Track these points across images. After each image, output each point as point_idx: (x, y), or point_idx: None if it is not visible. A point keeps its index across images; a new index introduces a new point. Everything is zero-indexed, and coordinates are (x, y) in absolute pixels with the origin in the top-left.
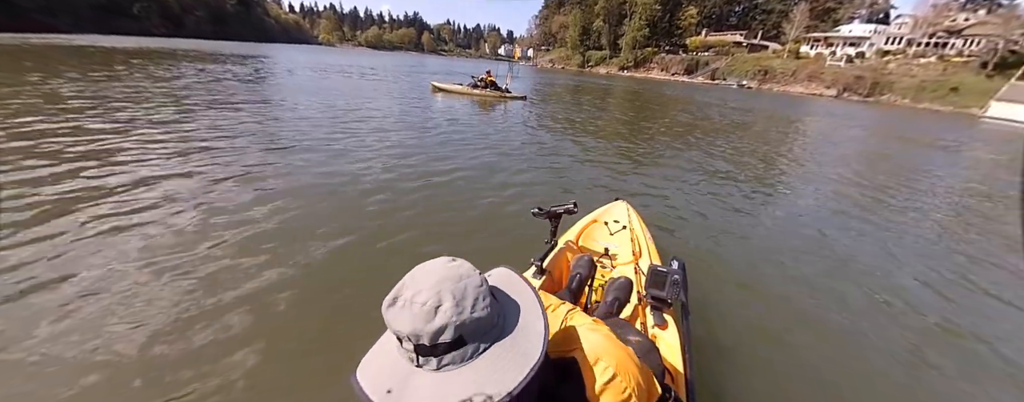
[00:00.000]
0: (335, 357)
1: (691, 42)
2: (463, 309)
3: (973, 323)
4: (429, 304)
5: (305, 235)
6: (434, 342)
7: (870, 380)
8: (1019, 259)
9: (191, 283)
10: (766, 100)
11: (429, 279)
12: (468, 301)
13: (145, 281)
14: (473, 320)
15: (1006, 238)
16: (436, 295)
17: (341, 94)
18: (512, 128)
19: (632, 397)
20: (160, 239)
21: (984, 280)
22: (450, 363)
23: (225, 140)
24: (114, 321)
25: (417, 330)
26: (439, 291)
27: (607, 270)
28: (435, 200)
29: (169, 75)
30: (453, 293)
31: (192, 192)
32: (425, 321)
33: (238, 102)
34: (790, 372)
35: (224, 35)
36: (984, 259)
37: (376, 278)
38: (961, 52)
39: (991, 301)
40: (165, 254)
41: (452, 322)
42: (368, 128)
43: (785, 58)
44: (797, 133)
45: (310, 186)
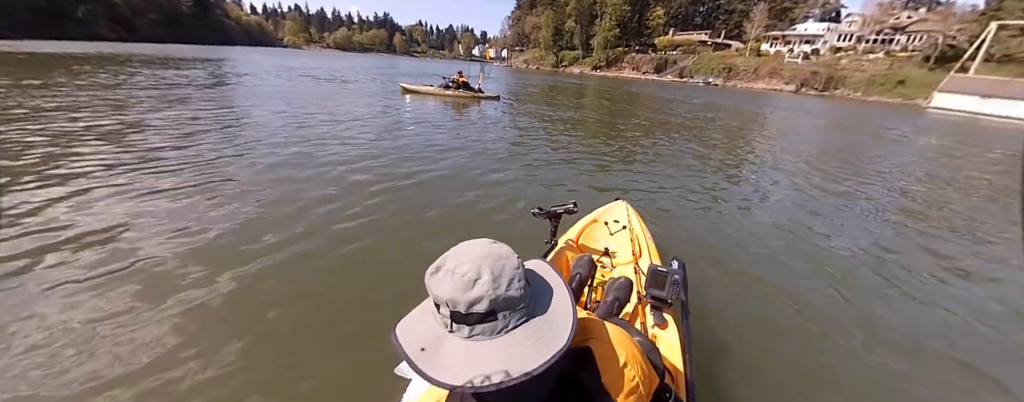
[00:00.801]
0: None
1: (659, 41)
2: (499, 285)
3: (973, 315)
4: (469, 275)
5: (266, 246)
6: (468, 311)
7: (870, 378)
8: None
9: (139, 304)
10: (732, 96)
11: (472, 253)
12: (504, 279)
13: (92, 303)
14: (506, 297)
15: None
16: (476, 269)
17: (304, 98)
18: (488, 128)
19: (640, 386)
20: (104, 257)
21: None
22: (480, 334)
23: (176, 151)
24: (53, 350)
25: (454, 297)
26: (479, 266)
27: (607, 270)
28: (425, 203)
29: (112, 82)
30: (492, 269)
31: (131, 209)
32: (463, 290)
33: (191, 110)
34: (790, 371)
35: (181, 38)
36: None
37: (360, 285)
38: (905, 47)
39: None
40: (109, 275)
41: (487, 295)
42: (332, 133)
43: (747, 56)
44: (766, 128)
45: (270, 197)
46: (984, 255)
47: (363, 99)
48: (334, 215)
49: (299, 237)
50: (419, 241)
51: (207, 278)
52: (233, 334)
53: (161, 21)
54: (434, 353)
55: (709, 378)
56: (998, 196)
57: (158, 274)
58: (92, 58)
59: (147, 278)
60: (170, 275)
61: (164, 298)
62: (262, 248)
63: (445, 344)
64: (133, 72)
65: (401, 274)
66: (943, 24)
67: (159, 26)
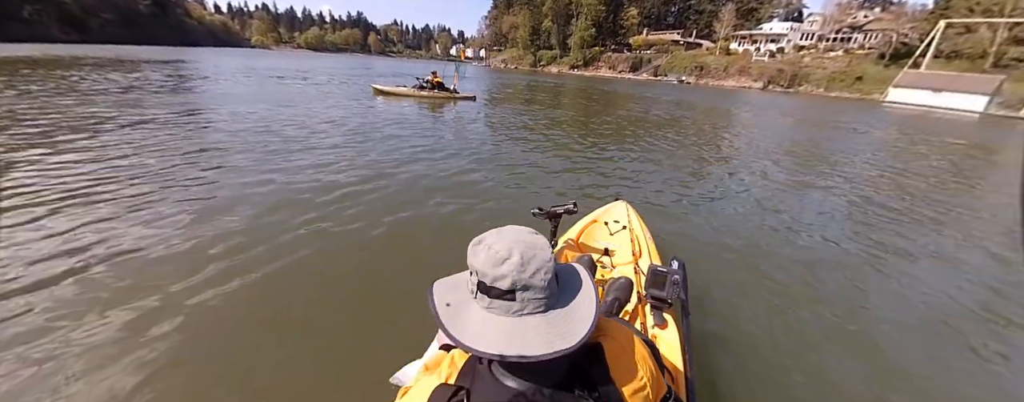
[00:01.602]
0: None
1: (634, 41)
2: (525, 270)
3: (981, 310)
4: (501, 254)
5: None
6: (490, 285)
7: (870, 377)
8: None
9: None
10: (706, 94)
11: (510, 235)
12: (531, 266)
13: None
14: (528, 282)
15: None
16: (508, 249)
17: (267, 102)
18: (466, 130)
19: (647, 386)
20: (53, 275)
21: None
22: (496, 309)
23: (126, 159)
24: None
25: (483, 269)
26: (512, 247)
27: (607, 270)
28: (405, 210)
29: (54, 87)
30: (522, 254)
31: (73, 223)
32: (492, 265)
33: (147, 116)
34: (791, 371)
35: (139, 39)
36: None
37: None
38: (862, 45)
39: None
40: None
41: (511, 274)
42: (299, 137)
43: (718, 55)
44: (745, 126)
45: (235, 208)
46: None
47: (333, 101)
48: (295, 225)
49: (254, 246)
50: (407, 246)
51: (162, 296)
52: (198, 344)
53: (116, 21)
54: (457, 311)
55: (709, 378)
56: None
57: (104, 289)
58: (33, 62)
59: (87, 294)
60: (115, 289)
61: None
62: (230, 259)
63: (467, 307)
64: (76, 77)
65: (389, 281)
66: (896, 23)
67: (114, 26)
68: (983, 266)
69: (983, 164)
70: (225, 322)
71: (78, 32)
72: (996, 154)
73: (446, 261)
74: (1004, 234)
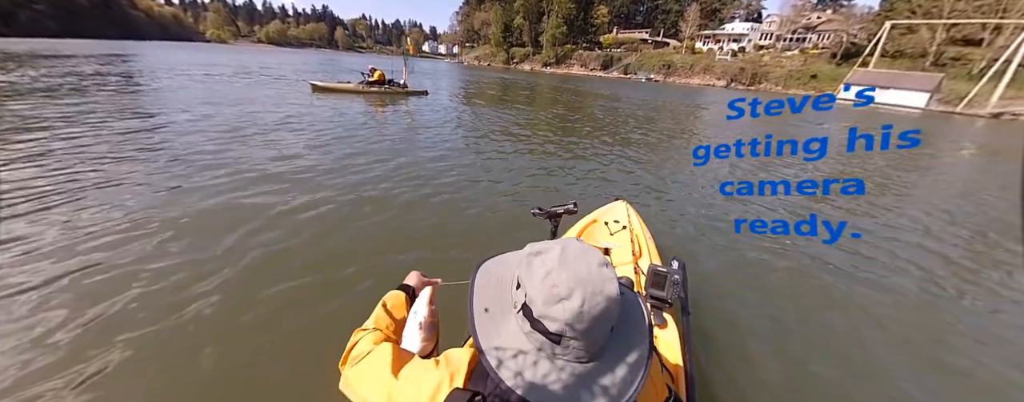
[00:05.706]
0: None
1: (605, 39)
2: (582, 320)
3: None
4: (559, 291)
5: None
6: (537, 317)
7: (870, 376)
8: None
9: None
10: (674, 92)
11: (575, 267)
12: (586, 319)
13: None
14: (581, 333)
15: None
16: (569, 289)
17: (197, 99)
18: (420, 132)
19: (648, 386)
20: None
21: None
22: (534, 341)
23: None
24: None
25: (533, 296)
26: (574, 288)
27: None
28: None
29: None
30: (585, 300)
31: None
32: (544, 301)
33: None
34: (790, 371)
35: (78, 33)
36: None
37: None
38: (816, 45)
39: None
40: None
41: (563, 319)
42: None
43: (684, 54)
44: (720, 123)
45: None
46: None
47: (270, 98)
48: (252, 236)
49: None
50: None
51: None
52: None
53: (50, 13)
54: (493, 319)
55: (709, 378)
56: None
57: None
58: None
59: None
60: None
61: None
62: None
63: (506, 319)
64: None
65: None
66: (846, 24)
67: (47, 19)
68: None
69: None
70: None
71: (3, 24)
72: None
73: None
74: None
